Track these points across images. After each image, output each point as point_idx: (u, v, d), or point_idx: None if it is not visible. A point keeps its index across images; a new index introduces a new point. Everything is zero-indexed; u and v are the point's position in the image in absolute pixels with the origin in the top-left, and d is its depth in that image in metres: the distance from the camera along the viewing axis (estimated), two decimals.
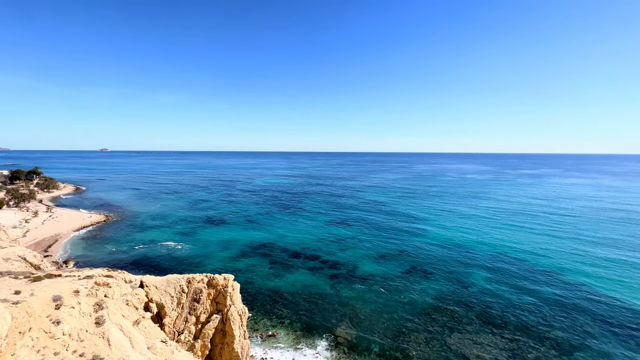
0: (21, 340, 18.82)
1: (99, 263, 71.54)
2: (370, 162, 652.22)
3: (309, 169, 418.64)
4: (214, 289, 34.42)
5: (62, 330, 20.81)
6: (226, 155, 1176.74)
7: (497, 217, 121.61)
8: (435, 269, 70.84)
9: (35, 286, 24.10)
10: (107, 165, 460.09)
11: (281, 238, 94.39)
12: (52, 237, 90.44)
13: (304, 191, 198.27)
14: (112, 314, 24.16)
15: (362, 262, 75.25)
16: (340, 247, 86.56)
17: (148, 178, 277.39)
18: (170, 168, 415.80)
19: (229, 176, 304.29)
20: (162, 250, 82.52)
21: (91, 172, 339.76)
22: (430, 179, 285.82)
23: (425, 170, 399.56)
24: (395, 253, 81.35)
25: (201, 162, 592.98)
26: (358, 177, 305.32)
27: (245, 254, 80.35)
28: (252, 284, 62.25)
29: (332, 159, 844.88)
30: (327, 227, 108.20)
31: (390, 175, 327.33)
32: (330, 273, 68.73)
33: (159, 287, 31.62)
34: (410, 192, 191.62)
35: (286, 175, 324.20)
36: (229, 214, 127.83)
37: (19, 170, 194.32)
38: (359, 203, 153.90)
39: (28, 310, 19.75)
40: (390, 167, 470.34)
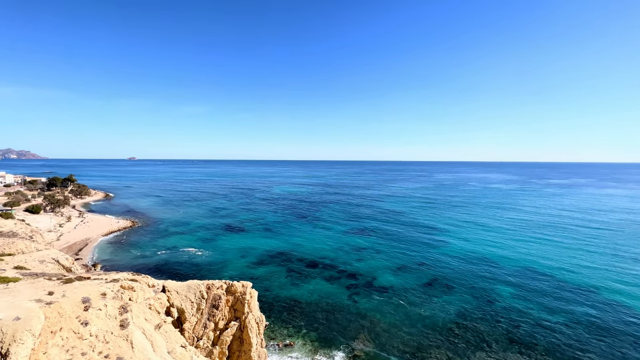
0: (52, 339, 19.78)
1: (124, 267, 74.37)
2: (388, 171, 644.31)
3: (326, 178, 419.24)
4: (232, 296, 34.81)
5: (90, 331, 21.70)
6: (245, 164, 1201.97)
7: (523, 230, 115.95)
8: (457, 282, 68.18)
9: (66, 288, 25.39)
10: (134, 173, 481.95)
11: (298, 247, 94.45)
12: (82, 241, 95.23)
13: (321, 200, 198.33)
14: (135, 317, 24.94)
15: (380, 273, 73.75)
16: (358, 257, 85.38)
17: (171, 185, 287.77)
18: (192, 176, 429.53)
19: (247, 184, 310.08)
20: (183, 256, 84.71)
21: (120, 179, 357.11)
22: (451, 188, 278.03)
23: (446, 180, 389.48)
24: (415, 265, 79.17)
25: (221, 171, 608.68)
26: (376, 186, 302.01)
27: (263, 262, 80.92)
28: (269, 292, 62.41)
29: (349, 168, 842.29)
30: (345, 236, 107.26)
31: (409, 184, 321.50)
32: (347, 283, 67.78)
33: (180, 292, 32.38)
34: (430, 202, 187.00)
35: (303, 183, 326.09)
36: (247, 221, 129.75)
37: (56, 178, 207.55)
38: (377, 212, 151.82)
39: (60, 310, 20.79)
40: (409, 176, 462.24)
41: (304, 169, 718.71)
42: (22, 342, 17.78)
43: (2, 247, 63.97)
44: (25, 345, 17.80)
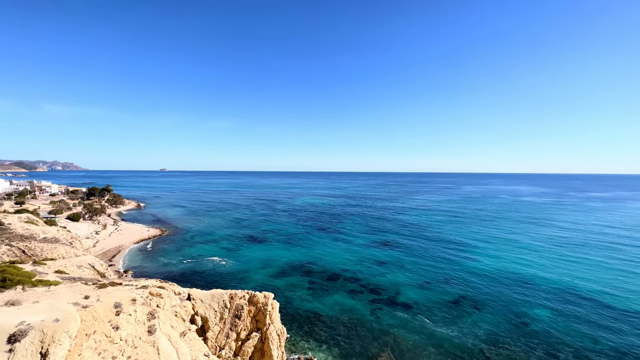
0: (87, 342, 20.82)
1: (152, 274, 77.26)
2: (412, 183, 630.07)
3: (348, 189, 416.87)
4: (254, 307, 35.01)
5: (120, 335, 22.63)
6: (268, 175, 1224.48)
7: (561, 248, 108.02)
8: (487, 301, 64.33)
9: (100, 292, 26.80)
10: (164, 184, 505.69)
11: (320, 258, 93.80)
12: (116, 248, 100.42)
13: (343, 212, 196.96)
14: (162, 324, 25.72)
15: (404, 288, 71.30)
16: (381, 270, 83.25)
17: (197, 196, 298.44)
18: (218, 187, 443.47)
19: (270, 195, 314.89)
20: (208, 264, 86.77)
21: (151, 190, 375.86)
22: (479, 201, 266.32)
23: (473, 192, 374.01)
24: (441, 280, 75.84)
25: (245, 182, 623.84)
26: (400, 198, 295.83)
27: (285, 273, 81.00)
28: (290, 304, 62.10)
29: (372, 179, 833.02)
30: (367, 249, 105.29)
31: (435, 196, 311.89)
32: (370, 298, 66.05)
33: (204, 301, 33.06)
34: (457, 216, 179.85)
35: (326, 195, 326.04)
36: (269, 232, 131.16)
37: (94, 188, 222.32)
38: (401, 225, 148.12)
39: (94, 314, 21.92)
40: (435, 188, 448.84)
41: (326, 181, 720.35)
42: (60, 343, 18.87)
43: (46, 252, 68.78)
44: (62, 346, 18.87)
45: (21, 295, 26.56)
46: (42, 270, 48.28)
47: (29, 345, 18.60)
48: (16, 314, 21.15)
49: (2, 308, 22.40)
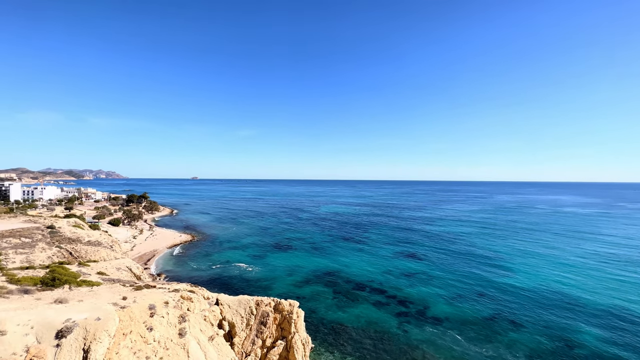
0: (123, 341, 21.97)
1: (183, 278, 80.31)
2: (441, 192, 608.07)
3: (374, 198, 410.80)
4: (279, 314, 35.16)
5: (154, 336, 23.65)
6: (294, 183, 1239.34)
7: (610, 265, 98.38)
8: (526, 319, 59.79)
9: (137, 294, 28.29)
10: (196, 192, 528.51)
11: (345, 268, 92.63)
12: (150, 252, 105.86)
13: (369, 220, 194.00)
14: (192, 327, 26.56)
15: (433, 301, 68.25)
16: (409, 282, 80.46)
17: (226, 203, 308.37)
18: (245, 195, 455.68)
19: (295, 203, 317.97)
20: (234, 270, 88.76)
21: (183, 197, 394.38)
22: (515, 211, 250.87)
23: (508, 202, 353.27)
24: (474, 295, 71.75)
25: (272, 190, 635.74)
26: (427, 207, 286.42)
27: (309, 281, 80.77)
28: (315, 313, 61.61)
29: (398, 188, 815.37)
30: (394, 259, 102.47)
31: (465, 206, 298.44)
32: (397, 310, 63.90)
33: (231, 306, 33.74)
34: (490, 227, 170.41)
35: (351, 203, 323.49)
36: (294, 240, 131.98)
37: (133, 195, 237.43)
38: (429, 236, 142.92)
39: (131, 315, 23.15)
40: (465, 197, 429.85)
41: (351, 189, 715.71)
42: (100, 341, 20.09)
43: (90, 254, 73.97)
44: (102, 344, 20.06)
45: (68, 294, 28.72)
46: (86, 271, 51.88)
47: (74, 341, 19.99)
48: (63, 312, 22.87)
49: (51, 305, 24.35)
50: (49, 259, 64.47)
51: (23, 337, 19.91)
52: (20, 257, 60.25)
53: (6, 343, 19.26)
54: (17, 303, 24.56)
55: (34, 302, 25.48)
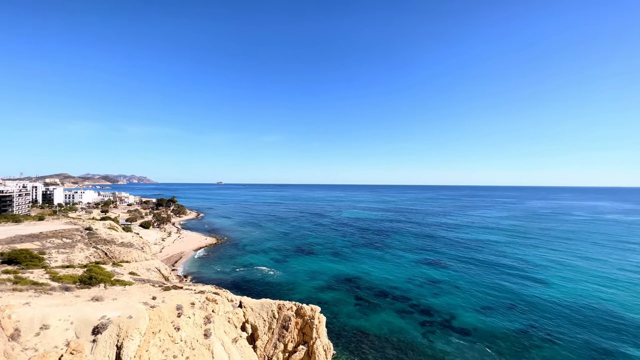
0: (153, 339, 22.92)
1: (208, 280, 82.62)
2: (467, 197, 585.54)
3: (397, 203, 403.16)
4: (301, 319, 35.20)
5: (180, 336, 24.48)
6: (316, 188, 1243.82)
7: None
8: (563, 334, 55.82)
9: (165, 294, 29.49)
10: (221, 196, 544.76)
11: (367, 274, 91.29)
12: (178, 254, 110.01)
13: (392, 226, 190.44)
14: (216, 329, 27.22)
15: (460, 311, 65.48)
16: (434, 290, 77.83)
17: (249, 207, 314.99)
18: (268, 199, 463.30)
19: (317, 208, 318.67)
20: (257, 274, 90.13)
21: (208, 201, 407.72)
22: (549, 218, 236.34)
23: (541, 208, 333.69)
24: (505, 306, 68.07)
25: (294, 194, 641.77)
26: (453, 213, 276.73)
27: (331, 287, 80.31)
28: (336, 319, 61.07)
29: (422, 193, 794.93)
30: (418, 266, 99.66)
31: (494, 212, 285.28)
32: (421, 319, 61.91)
33: (254, 309, 34.24)
34: (522, 234, 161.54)
35: (373, 208, 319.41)
36: (316, 245, 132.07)
37: (162, 199, 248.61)
38: (455, 243, 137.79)
39: (160, 314, 24.13)
40: (493, 203, 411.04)
41: (373, 194, 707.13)
42: (132, 338, 21.09)
43: (123, 255, 78.06)
44: (134, 341, 21.05)
45: (103, 292, 30.47)
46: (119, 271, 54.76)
47: (108, 337, 21.14)
48: (99, 309, 24.28)
49: (89, 302, 25.93)
50: (86, 258, 68.81)
51: (64, 332, 21.35)
52: (62, 256, 64.76)
53: (49, 336, 20.74)
54: (59, 299, 26.39)
55: (74, 299, 27.26)
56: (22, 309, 22.34)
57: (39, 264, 53.04)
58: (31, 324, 21.04)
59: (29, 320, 21.26)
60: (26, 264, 50.88)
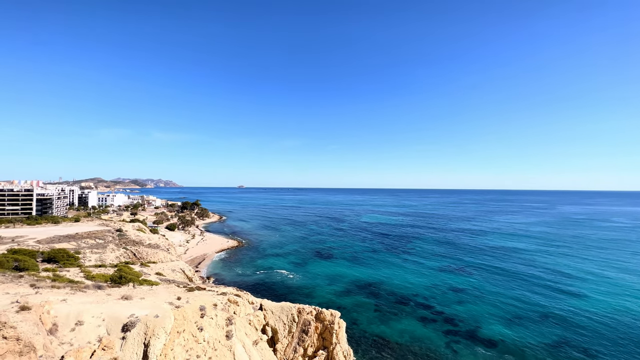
0: (177, 338, 23.64)
1: (229, 282, 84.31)
2: (493, 201, 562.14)
3: (418, 207, 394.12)
4: (321, 324, 35.06)
5: (203, 336, 25.09)
6: (335, 192, 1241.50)
7: None
8: (600, 352, 51.92)
9: (189, 295, 30.39)
10: (242, 200, 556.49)
11: (388, 279, 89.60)
12: (201, 256, 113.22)
13: (413, 231, 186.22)
14: (238, 330, 27.67)
15: (486, 320, 62.64)
16: (458, 298, 75.05)
17: (270, 211, 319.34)
18: (287, 203, 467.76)
19: (336, 212, 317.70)
20: (277, 277, 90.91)
21: (230, 204, 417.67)
22: (583, 225, 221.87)
23: (574, 213, 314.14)
24: (535, 316, 64.39)
25: (313, 198, 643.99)
26: (478, 218, 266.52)
27: (350, 292, 79.49)
28: (356, 325, 60.28)
29: (444, 197, 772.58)
30: (441, 273, 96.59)
31: (522, 217, 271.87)
32: (445, 328, 59.80)
33: (274, 312, 34.52)
34: (553, 242, 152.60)
35: (394, 213, 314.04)
36: (335, 249, 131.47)
37: (186, 202, 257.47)
38: (481, 249, 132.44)
39: (184, 314, 24.88)
40: (521, 208, 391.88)
41: (393, 198, 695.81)
42: (158, 337, 21.88)
43: (150, 255, 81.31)
44: (160, 340, 21.82)
45: (132, 291, 31.87)
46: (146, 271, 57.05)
47: (136, 335, 22.05)
48: (128, 307, 25.40)
49: (119, 301, 27.20)
50: (117, 258, 72.40)
51: (96, 328, 22.51)
52: (95, 256, 68.54)
53: (83, 332, 21.93)
54: (92, 297, 27.89)
55: (105, 297, 28.72)
56: (59, 305, 23.81)
57: (75, 263, 56.34)
58: (67, 320, 22.37)
59: (66, 316, 22.61)
60: (63, 263, 54.23)
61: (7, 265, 43.44)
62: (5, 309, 20.47)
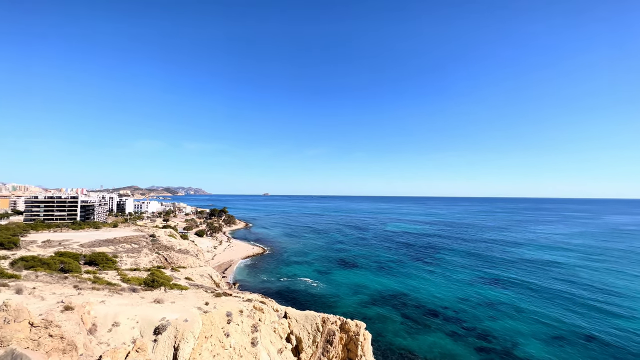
0: (205, 343, 24.19)
1: (254, 288, 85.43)
2: (527, 210, 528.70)
3: (446, 216, 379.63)
4: (346, 334, 34.43)
5: (230, 342, 25.48)
6: (359, 200, 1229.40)
7: None
8: None
9: (217, 301, 31.13)
10: (267, 207, 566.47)
11: (415, 290, 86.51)
12: (227, 262, 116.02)
13: (440, 241, 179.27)
14: (263, 338, 27.84)
15: (524, 339, 58.35)
16: (491, 313, 70.72)
17: (294, 219, 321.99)
18: (311, 210, 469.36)
19: (361, 220, 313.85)
20: (300, 285, 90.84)
21: (256, 212, 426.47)
22: (635, 237, 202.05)
23: (624, 224, 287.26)
24: (580, 337, 59.06)
25: (336, 206, 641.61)
26: (511, 227, 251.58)
27: (375, 302, 77.55)
28: (382, 337, 58.51)
29: (475, 205, 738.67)
30: (471, 286, 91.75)
31: (561, 227, 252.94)
32: (477, 345, 56.43)
33: (298, 321, 34.40)
34: (599, 255, 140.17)
35: (420, 221, 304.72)
36: (360, 257, 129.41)
37: (214, 209, 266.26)
38: (515, 261, 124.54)
39: (212, 320, 25.47)
40: (560, 217, 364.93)
41: (420, 206, 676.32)
42: (187, 341, 22.53)
43: (180, 260, 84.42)
44: (189, 344, 22.45)
45: (163, 295, 33.20)
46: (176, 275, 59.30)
47: (167, 338, 22.85)
48: (159, 311, 26.46)
49: (151, 304, 28.42)
50: (150, 263, 75.99)
51: (130, 330, 23.62)
52: (130, 260, 72.42)
53: (119, 333, 23.10)
54: (128, 299, 29.39)
55: (139, 299, 30.15)
56: (98, 306, 25.31)
57: (112, 266, 59.84)
58: (105, 321, 23.69)
59: (104, 316, 23.97)
60: (102, 266, 57.82)
61: (54, 267, 47.08)
62: (51, 309, 22.10)
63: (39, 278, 35.66)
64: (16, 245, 68.69)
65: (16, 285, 28.13)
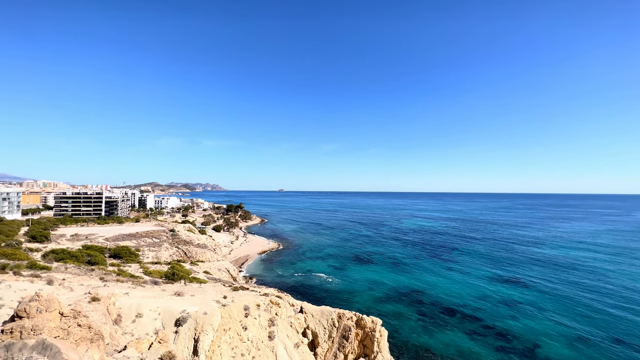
0: (224, 336, 24.76)
1: (270, 283, 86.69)
2: (550, 207, 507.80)
3: (464, 212, 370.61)
4: (361, 330, 34.39)
5: (247, 335, 25.98)
6: (375, 196, 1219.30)
7: None
8: None
9: (234, 294, 31.76)
10: (282, 203, 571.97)
11: (431, 287, 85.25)
12: (244, 257, 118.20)
13: (458, 238, 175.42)
14: (280, 332, 28.21)
15: (546, 339, 56.43)
16: (512, 312, 68.76)
17: (309, 214, 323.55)
18: (326, 207, 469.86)
19: (376, 216, 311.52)
20: (315, 280, 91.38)
21: (271, 207, 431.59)
22: None
23: None
24: (607, 341, 56.49)
25: (351, 202, 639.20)
26: (533, 224, 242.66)
27: (391, 299, 77.00)
28: (398, 334, 58.10)
29: (494, 201, 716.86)
30: (491, 284, 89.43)
31: (588, 224, 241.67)
32: (496, 344, 55.07)
33: (314, 316, 34.63)
34: (629, 254, 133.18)
35: (437, 218, 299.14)
36: (375, 254, 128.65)
37: (231, 205, 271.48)
38: (537, 259, 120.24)
39: (230, 313, 26.02)
40: (587, 214, 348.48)
41: (437, 202, 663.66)
42: (206, 333, 23.12)
43: (198, 255, 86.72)
44: (208, 336, 23.04)
45: (183, 288, 34.19)
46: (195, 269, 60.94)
47: (187, 330, 23.54)
48: (180, 303, 27.27)
49: (172, 297, 29.34)
50: (170, 256, 78.49)
51: (153, 321, 24.49)
52: (152, 253, 75.03)
53: (142, 324, 23.99)
54: (150, 292, 30.47)
55: (161, 292, 31.19)
56: (123, 298, 26.37)
57: (135, 260, 62.20)
58: (129, 312, 24.66)
59: (128, 308, 24.95)
60: (126, 259, 60.18)
61: (82, 259, 49.43)
62: (79, 299, 23.21)
63: (68, 270, 37.55)
64: (47, 238, 72.67)
65: (47, 276, 29.73)
